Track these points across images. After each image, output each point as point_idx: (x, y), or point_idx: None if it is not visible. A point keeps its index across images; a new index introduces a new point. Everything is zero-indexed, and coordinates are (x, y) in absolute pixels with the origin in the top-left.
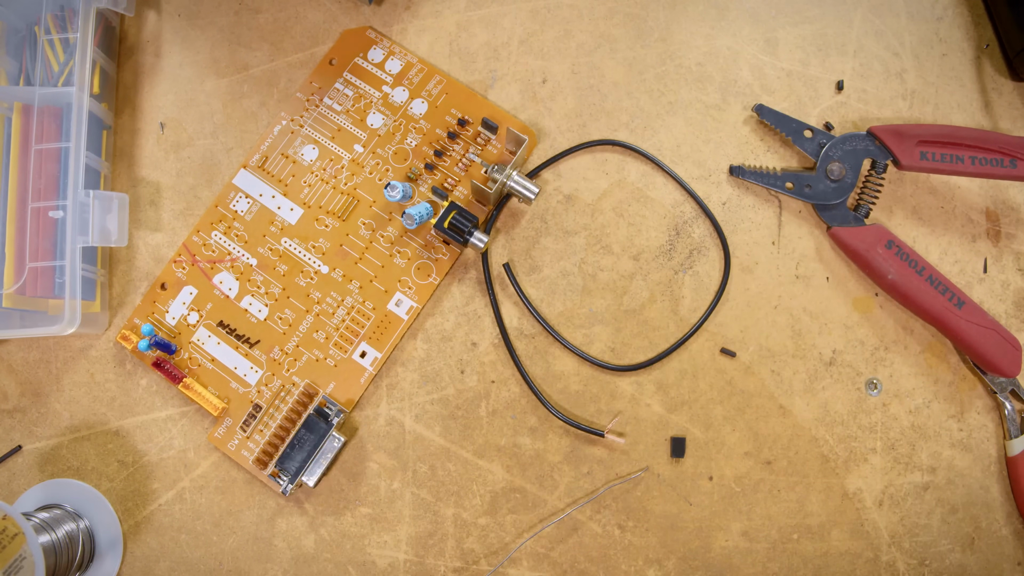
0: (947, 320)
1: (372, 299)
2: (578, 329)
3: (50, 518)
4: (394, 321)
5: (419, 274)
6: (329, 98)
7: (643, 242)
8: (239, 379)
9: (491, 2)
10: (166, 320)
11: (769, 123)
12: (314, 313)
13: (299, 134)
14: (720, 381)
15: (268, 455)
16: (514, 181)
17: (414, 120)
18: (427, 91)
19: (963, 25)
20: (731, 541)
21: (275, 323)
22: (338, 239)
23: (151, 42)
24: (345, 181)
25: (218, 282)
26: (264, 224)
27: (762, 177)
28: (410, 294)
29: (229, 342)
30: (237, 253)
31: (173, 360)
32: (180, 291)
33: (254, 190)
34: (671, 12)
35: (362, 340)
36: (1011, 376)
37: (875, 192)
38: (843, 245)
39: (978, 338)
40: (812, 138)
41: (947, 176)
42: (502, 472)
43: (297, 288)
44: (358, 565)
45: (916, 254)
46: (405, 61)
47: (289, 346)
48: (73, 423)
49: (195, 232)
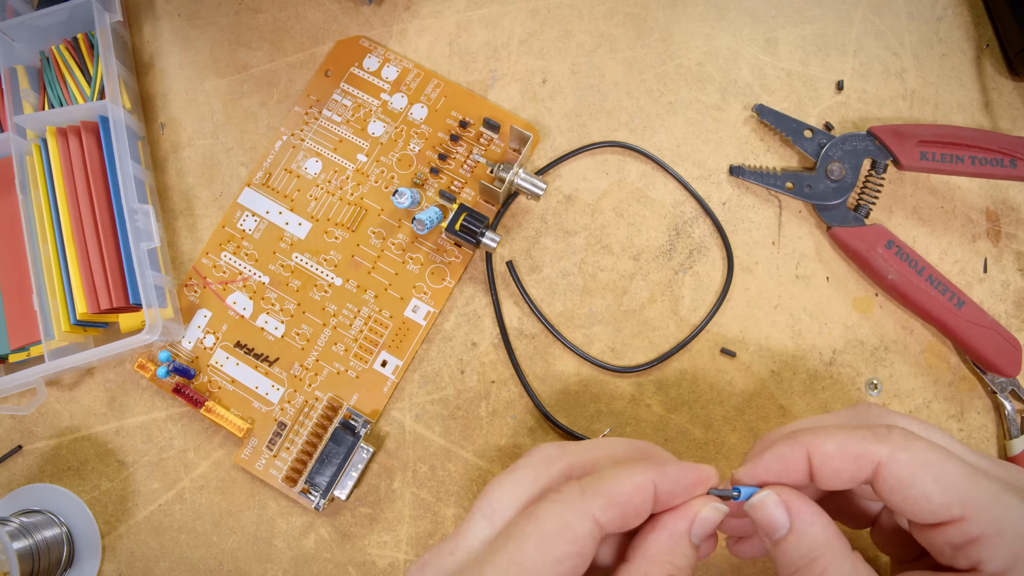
0: (947, 320)
1: (388, 307)
2: (578, 329)
3: (28, 523)
4: (412, 328)
5: (433, 279)
6: (328, 110)
7: (643, 242)
8: (261, 398)
9: (491, 2)
10: (182, 345)
11: (769, 123)
12: (331, 326)
13: (300, 148)
14: (720, 381)
15: (297, 472)
16: (521, 179)
17: (415, 125)
18: (426, 95)
19: (963, 25)
20: None
21: (293, 339)
22: (349, 250)
23: (151, 42)
24: (351, 192)
25: (232, 303)
26: (273, 241)
27: (762, 177)
28: (426, 299)
29: (248, 362)
30: (249, 272)
31: (193, 385)
32: (194, 315)
33: (260, 208)
34: (671, 12)
35: (382, 349)
36: (1011, 376)
37: (875, 192)
38: (843, 245)
39: (978, 338)
40: (812, 138)
41: (947, 176)
42: None
43: (312, 302)
44: (358, 565)
45: (916, 254)
46: (401, 67)
47: (309, 361)
48: (73, 423)
49: (204, 255)
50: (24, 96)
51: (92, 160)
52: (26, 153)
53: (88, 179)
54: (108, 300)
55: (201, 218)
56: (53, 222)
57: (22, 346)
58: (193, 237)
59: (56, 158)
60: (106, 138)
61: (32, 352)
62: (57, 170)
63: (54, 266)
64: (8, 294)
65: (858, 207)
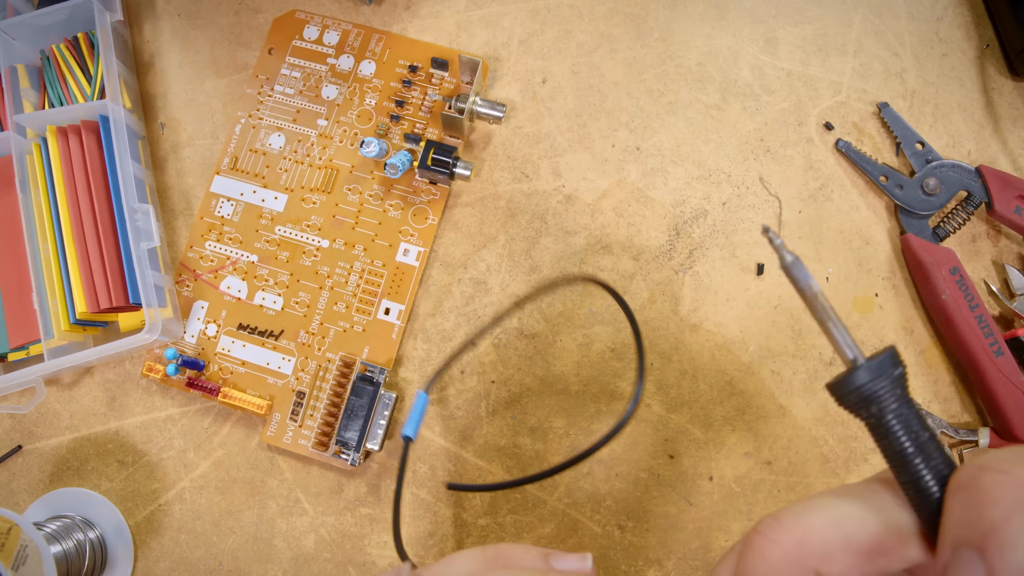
0: (981, 361)
1: (379, 256)
2: (578, 329)
3: (60, 527)
4: (407, 271)
5: (417, 219)
6: (279, 84)
7: (643, 242)
8: (274, 373)
9: (491, 2)
10: (185, 340)
11: (853, 160)
12: (328, 287)
13: (260, 127)
14: (720, 381)
15: (326, 435)
16: (479, 105)
17: (366, 81)
18: (371, 51)
19: (963, 25)
20: (731, 541)
21: (293, 309)
22: (329, 211)
23: (151, 42)
24: (319, 156)
25: (226, 288)
26: (254, 220)
27: (864, 160)
28: (414, 240)
29: (254, 341)
30: (236, 255)
31: (205, 375)
32: (191, 308)
33: (234, 191)
34: (671, 12)
35: (382, 298)
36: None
37: (959, 222)
38: (910, 253)
39: (1004, 391)
40: (921, 151)
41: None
42: (502, 472)
43: (304, 269)
44: (358, 565)
45: (975, 291)
46: (341, 30)
47: (313, 326)
48: (73, 423)
49: (188, 248)
50: (24, 95)
51: (92, 159)
52: (26, 152)
53: (88, 178)
54: (108, 299)
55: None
56: (53, 221)
57: (21, 345)
58: None
59: (56, 157)
60: (106, 137)
61: (31, 351)
62: (57, 169)
63: (54, 265)
64: (8, 293)
65: (937, 228)
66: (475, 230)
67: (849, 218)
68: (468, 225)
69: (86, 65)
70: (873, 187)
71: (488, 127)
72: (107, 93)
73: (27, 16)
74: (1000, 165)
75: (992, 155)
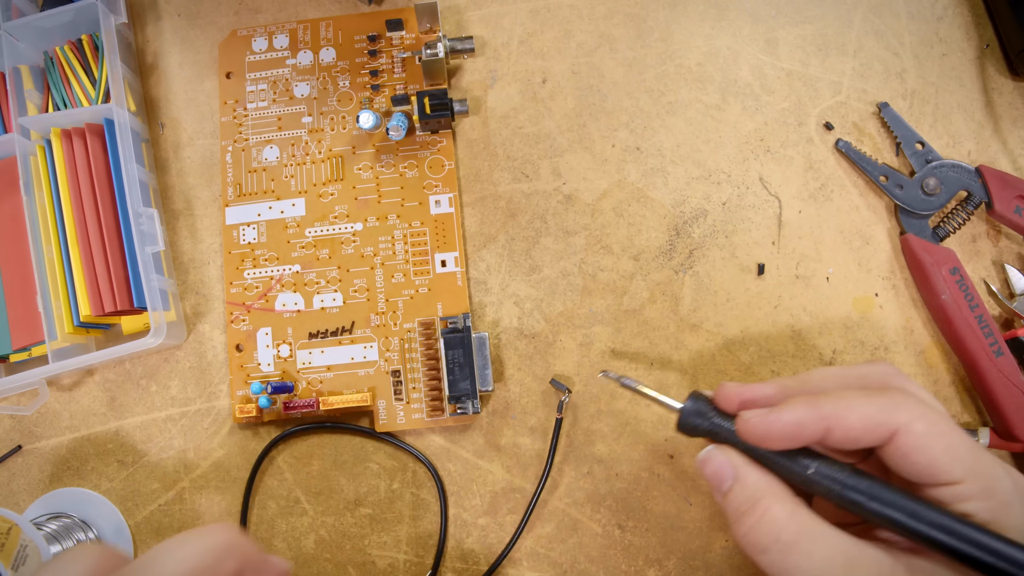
0: (980, 361)
1: (415, 217)
2: (578, 329)
3: (60, 527)
4: (446, 221)
5: (434, 169)
6: (251, 102)
7: (643, 242)
8: (362, 364)
9: (491, 2)
10: (263, 370)
11: (853, 160)
12: (378, 265)
13: (249, 147)
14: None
15: (437, 399)
16: (451, 43)
17: (332, 67)
18: (324, 39)
19: (963, 25)
20: (731, 541)
21: (354, 298)
22: (349, 196)
23: (151, 42)
24: (318, 151)
25: (281, 306)
26: (281, 233)
27: (863, 160)
28: (440, 189)
29: (330, 344)
30: (278, 273)
31: (297, 395)
32: (256, 339)
33: (250, 215)
34: (671, 12)
35: (434, 253)
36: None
37: (959, 222)
38: (910, 253)
39: (1003, 391)
40: (921, 151)
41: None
42: (502, 472)
43: (349, 257)
44: (358, 565)
45: (975, 291)
46: (287, 31)
47: (380, 305)
48: (73, 423)
49: (229, 286)
50: (28, 96)
51: (97, 162)
52: (30, 154)
53: (93, 181)
54: (112, 303)
55: (201, 218)
56: (57, 223)
57: (24, 346)
58: (194, 238)
59: (60, 160)
60: (111, 141)
61: (33, 352)
62: (61, 172)
63: (58, 267)
64: (11, 295)
65: (937, 228)
66: (475, 230)
67: (849, 218)
68: (468, 225)
69: (90, 67)
70: (873, 187)
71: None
72: (112, 96)
73: (31, 18)
74: (1000, 165)
75: (992, 155)
